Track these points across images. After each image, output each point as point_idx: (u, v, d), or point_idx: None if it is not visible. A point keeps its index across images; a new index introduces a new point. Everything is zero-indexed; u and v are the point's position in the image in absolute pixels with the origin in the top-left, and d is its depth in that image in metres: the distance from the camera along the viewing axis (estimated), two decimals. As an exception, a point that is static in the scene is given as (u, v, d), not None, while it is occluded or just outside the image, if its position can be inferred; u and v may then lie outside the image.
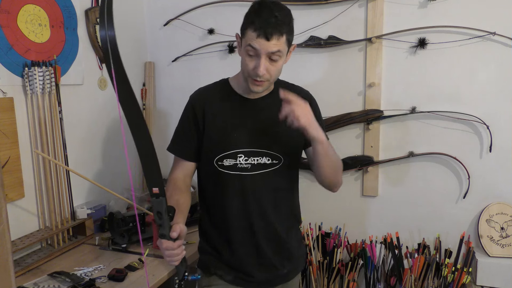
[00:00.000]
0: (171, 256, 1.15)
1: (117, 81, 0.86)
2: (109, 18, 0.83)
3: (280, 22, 1.20)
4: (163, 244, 1.13)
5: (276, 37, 1.20)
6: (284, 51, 1.24)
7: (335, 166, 1.35)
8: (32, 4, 1.76)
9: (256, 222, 1.38)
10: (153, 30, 2.50)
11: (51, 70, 1.79)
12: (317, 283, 2.17)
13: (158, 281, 1.57)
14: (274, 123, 1.35)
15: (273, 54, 1.22)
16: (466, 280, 1.90)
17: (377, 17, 2.02)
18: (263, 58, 1.22)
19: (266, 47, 1.20)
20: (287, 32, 1.22)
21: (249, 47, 1.23)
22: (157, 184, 1.03)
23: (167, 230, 1.10)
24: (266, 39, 1.19)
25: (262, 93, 1.38)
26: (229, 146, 1.34)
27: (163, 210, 1.06)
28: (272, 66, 1.25)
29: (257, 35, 1.20)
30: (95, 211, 2.02)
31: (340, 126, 2.14)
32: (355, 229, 2.22)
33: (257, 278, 1.41)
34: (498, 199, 1.97)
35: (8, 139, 1.65)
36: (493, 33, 1.87)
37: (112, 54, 0.83)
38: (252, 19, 1.22)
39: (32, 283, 1.53)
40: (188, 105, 1.42)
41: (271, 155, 1.36)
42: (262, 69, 1.23)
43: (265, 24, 1.18)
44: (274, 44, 1.20)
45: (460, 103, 1.97)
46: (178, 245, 1.14)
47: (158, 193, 1.03)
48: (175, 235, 1.12)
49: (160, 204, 1.05)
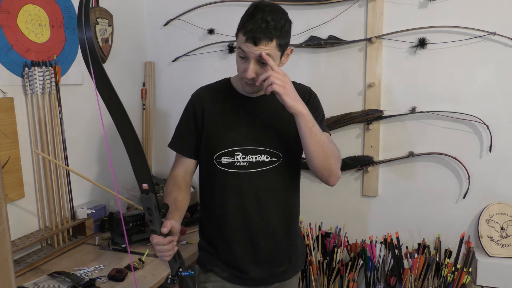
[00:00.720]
0: (162, 252, 1.16)
1: (97, 81, 0.88)
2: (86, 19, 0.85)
3: (270, 28, 1.19)
4: (153, 240, 1.14)
5: (265, 43, 1.20)
6: (274, 55, 1.24)
7: (324, 147, 1.28)
8: (32, 4, 1.76)
9: (253, 220, 1.38)
10: (153, 30, 2.50)
11: (51, 70, 1.79)
12: (317, 283, 2.17)
13: (158, 281, 1.57)
14: (274, 121, 1.35)
15: (262, 58, 1.22)
16: (466, 280, 1.90)
17: (377, 17, 2.02)
18: (252, 62, 1.23)
19: (254, 51, 1.21)
20: (278, 37, 1.21)
21: (239, 50, 1.25)
22: (146, 180, 1.05)
23: (157, 226, 1.11)
24: (254, 44, 1.20)
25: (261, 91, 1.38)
26: (227, 144, 1.35)
27: (153, 206, 1.07)
28: (262, 69, 1.25)
29: (245, 39, 1.21)
30: (95, 211, 2.02)
31: (340, 126, 2.14)
32: (355, 229, 2.22)
33: (253, 276, 1.41)
34: (498, 199, 1.97)
35: (8, 139, 1.65)
36: (493, 33, 1.87)
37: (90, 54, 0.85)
38: (243, 22, 1.23)
39: (32, 283, 1.53)
40: (189, 103, 1.44)
41: (269, 153, 1.36)
42: (250, 72, 1.24)
43: (254, 29, 1.19)
44: (263, 49, 1.21)
45: (460, 103, 1.97)
46: (169, 241, 1.15)
47: (147, 189, 1.05)
48: (165, 231, 1.13)
49: (150, 200, 1.06)
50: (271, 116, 1.35)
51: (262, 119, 1.37)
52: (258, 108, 1.38)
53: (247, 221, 1.38)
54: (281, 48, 1.25)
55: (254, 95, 1.39)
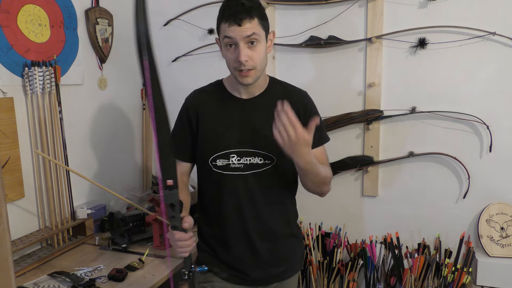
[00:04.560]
0: (183, 247, 1.17)
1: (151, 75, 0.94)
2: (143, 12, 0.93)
3: (248, 7, 1.22)
4: (175, 235, 1.15)
5: (248, 21, 1.22)
6: (260, 34, 1.26)
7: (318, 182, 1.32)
8: (32, 4, 1.76)
9: (249, 221, 1.38)
10: (153, 30, 2.48)
11: (51, 70, 1.79)
12: (317, 283, 2.17)
13: (158, 281, 1.57)
14: (267, 123, 1.34)
15: (249, 37, 1.23)
16: (466, 280, 1.90)
17: (377, 17, 2.02)
18: (242, 45, 1.24)
19: (240, 33, 1.22)
20: (258, 15, 1.24)
21: (226, 39, 1.26)
22: (172, 176, 1.05)
23: (179, 222, 1.13)
24: (238, 25, 1.22)
25: (255, 92, 1.38)
26: (222, 147, 1.36)
27: (177, 202, 1.08)
28: (254, 52, 1.26)
29: (229, 24, 1.23)
30: (95, 211, 2.02)
31: (340, 126, 2.14)
32: (355, 229, 2.22)
33: (252, 276, 1.42)
34: (498, 199, 1.97)
35: (8, 139, 1.65)
36: (493, 33, 1.87)
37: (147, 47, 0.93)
38: (221, 13, 1.26)
39: (32, 283, 1.53)
40: (183, 107, 1.45)
41: (263, 155, 1.36)
42: (243, 55, 1.24)
43: (234, 11, 1.22)
44: (248, 28, 1.22)
45: (460, 103, 1.97)
46: (190, 236, 1.17)
47: (172, 185, 1.05)
48: (187, 226, 1.15)
49: (174, 196, 1.07)
50: (265, 118, 1.35)
51: (256, 121, 1.37)
52: (252, 109, 1.38)
53: (244, 223, 1.39)
54: (264, 28, 1.27)
55: (245, 97, 1.39)
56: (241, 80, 1.30)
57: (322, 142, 1.43)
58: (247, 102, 1.39)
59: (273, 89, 1.41)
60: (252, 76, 1.29)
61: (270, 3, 2.16)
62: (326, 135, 1.46)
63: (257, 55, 1.26)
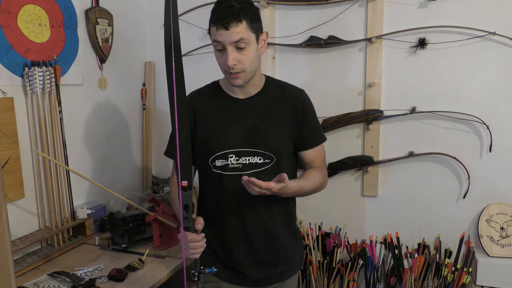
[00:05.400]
0: (195, 248, 1.17)
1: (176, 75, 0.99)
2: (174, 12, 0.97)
3: (236, 10, 1.21)
4: (188, 237, 1.16)
5: (235, 25, 1.21)
6: (249, 37, 1.25)
7: (311, 192, 1.41)
8: (32, 4, 1.76)
9: (249, 222, 1.38)
10: (153, 30, 2.50)
11: (51, 70, 1.79)
12: (317, 283, 2.17)
13: (158, 281, 1.57)
14: (265, 122, 1.36)
15: (237, 42, 1.23)
16: (466, 280, 1.90)
17: (377, 17, 2.02)
18: (230, 49, 1.24)
19: (227, 37, 1.22)
20: (246, 18, 1.23)
21: (215, 43, 1.26)
22: (187, 178, 1.06)
23: (192, 223, 1.13)
24: (225, 28, 1.22)
25: (251, 91, 1.39)
26: (220, 147, 1.36)
27: (191, 203, 1.08)
28: (242, 55, 1.26)
29: (216, 28, 1.23)
30: (95, 211, 2.02)
31: (340, 126, 2.14)
32: (355, 229, 2.22)
33: (251, 276, 1.42)
34: (498, 199, 1.97)
35: (8, 139, 1.65)
36: (493, 33, 1.87)
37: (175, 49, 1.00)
38: (211, 16, 1.27)
39: (32, 283, 1.53)
40: None
41: (262, 155, 1.36)
42: (230, 59, 1.24)
43: (222, 15, 1.21)
44: (235, 32, 1.22)
45: (460, 103, 1.97)
46: (202, 238, 1.18)
47: (186, 186, 1.06)
48: (200, 227, 1.16)
49: (189, 197, 1.07)
50: (262, 117, 1.36)
51: (254, 121, 1.37)
52: (249, 109, 1.38)
53: (243, 223, 1.39)
54: (254, 30, 1.26)
55: (242, 96, 1.39)
56: (231, 82, 1.32)
57: (318, 142, 1.44)
58: (243, 102, 1.39)
59: (269, 88, 1.42)
60: (242, 78, 1.30)
61: (270, 3, 2.16)
62: (323, 135, 1.47)
63: (246, 58, 1.26)
